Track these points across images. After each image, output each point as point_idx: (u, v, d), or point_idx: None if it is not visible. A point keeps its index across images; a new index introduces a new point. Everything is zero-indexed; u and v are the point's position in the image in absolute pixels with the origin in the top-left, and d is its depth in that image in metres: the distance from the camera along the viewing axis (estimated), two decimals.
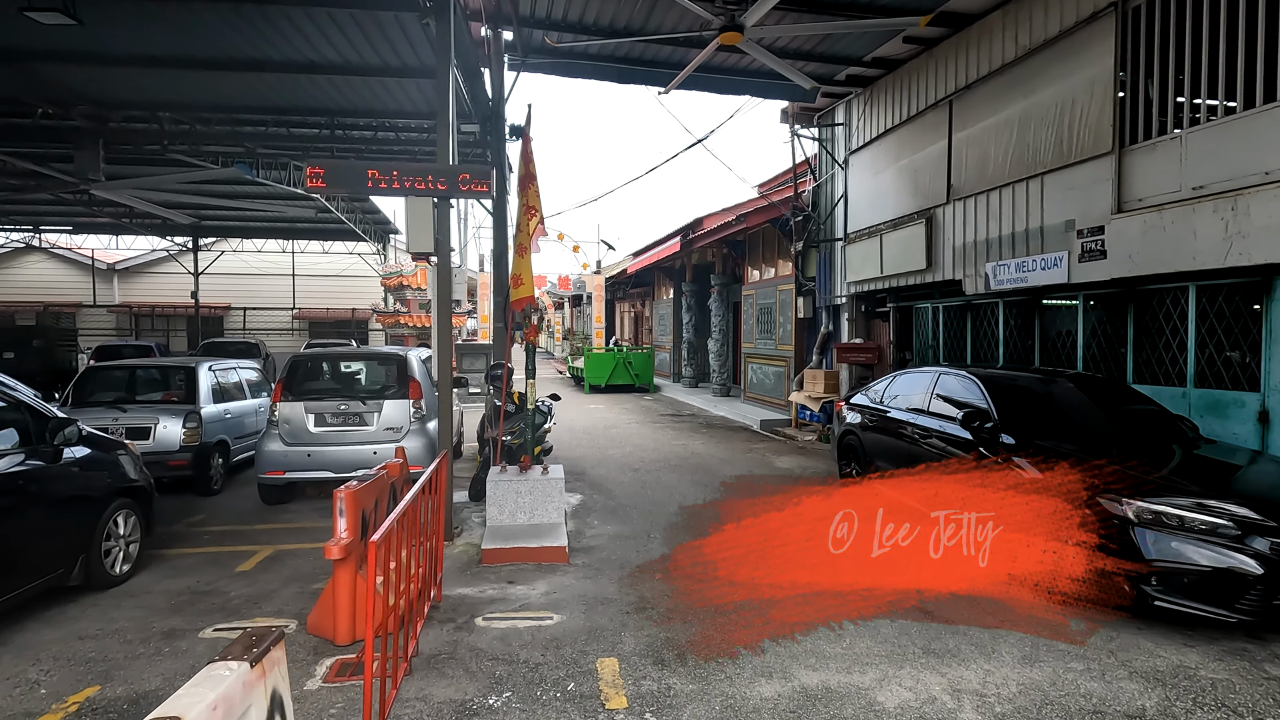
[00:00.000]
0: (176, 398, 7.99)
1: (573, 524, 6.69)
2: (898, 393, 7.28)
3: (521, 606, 4.68)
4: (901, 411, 6.95)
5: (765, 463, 9.84)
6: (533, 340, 6.69)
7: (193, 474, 7.68)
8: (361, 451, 7.19)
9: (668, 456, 10.28)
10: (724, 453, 10.63)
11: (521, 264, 6.86)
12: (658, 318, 25.61)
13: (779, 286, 14.40)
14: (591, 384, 20.62)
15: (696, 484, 8.42)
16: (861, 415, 7.73)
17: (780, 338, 14.37)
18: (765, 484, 8.41)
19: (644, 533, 6.39)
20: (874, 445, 7.37)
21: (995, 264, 8.23)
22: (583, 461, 9.94)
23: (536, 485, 6.05)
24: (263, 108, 10.17)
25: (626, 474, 9.05)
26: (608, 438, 12.11)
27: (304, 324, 26.29)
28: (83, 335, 25.07)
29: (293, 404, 7.28)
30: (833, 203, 12.37)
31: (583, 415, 15.23)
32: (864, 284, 11.22)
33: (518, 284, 6.87)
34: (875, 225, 10.83)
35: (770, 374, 14.88)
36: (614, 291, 32.54)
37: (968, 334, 9.32)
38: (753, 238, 15.79)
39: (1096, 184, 6.92)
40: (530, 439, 6.76)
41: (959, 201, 8.90)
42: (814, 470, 9.28)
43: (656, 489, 8.17)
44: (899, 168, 10.29)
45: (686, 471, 9.19)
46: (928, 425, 6.39)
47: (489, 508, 6.00)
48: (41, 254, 25.40)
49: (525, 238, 6.92)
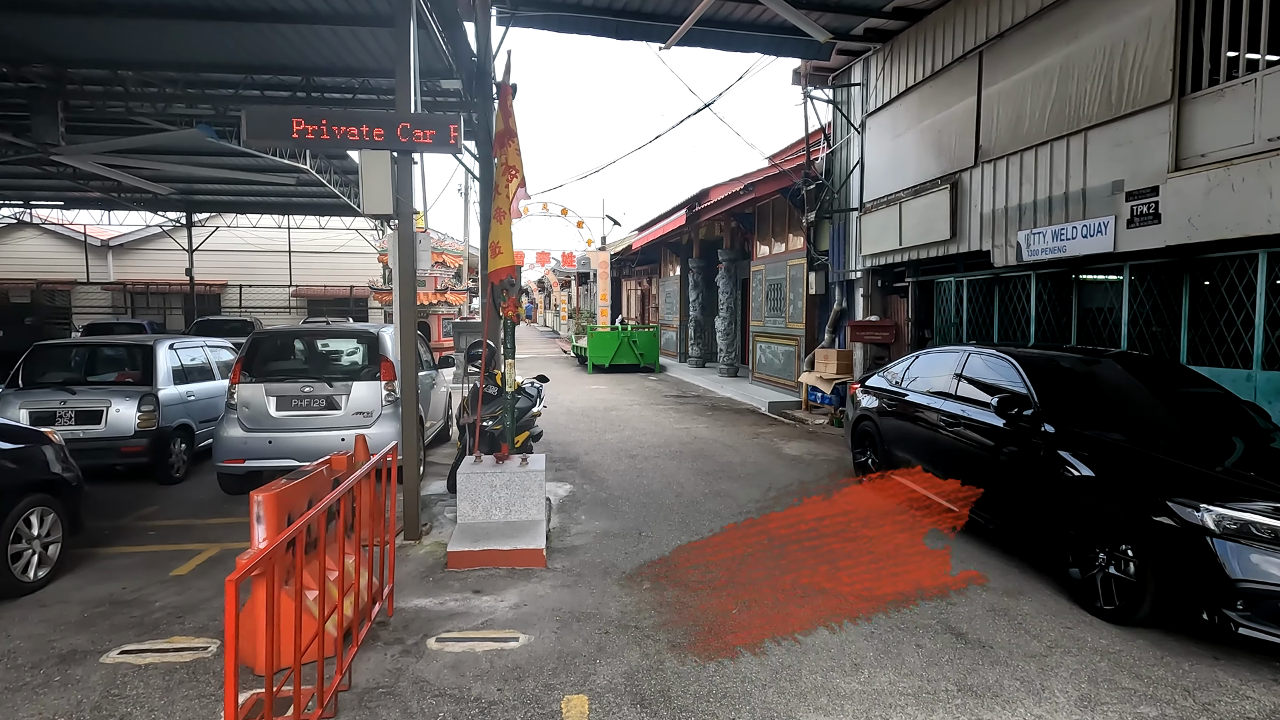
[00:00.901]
0: (132, 379, 7.37)
1: (557, 519, 6.05)
2: (919, 375, 6.55)
3: (485, 623, 4.03)
4: (923, 396, 6.22)
5: (772, 449, 9.15)
6: (511, 315, 6.00)
7: (149, 461, 7.09)
8: (328, 438, 6.56)
9: (668, 441, 9.61)
10: (728, 437, 9.94)
11: (500, 230, 6.15)
12: (664, 295, 24.85)
13: (789, 262, 13.61)
14: (595, 364, 19.95)
15: (697, 473, 7.74)
16: (878, 399, 7.01)
17: (790, 315, 13.61)
18: (771, 473, 7.72)
19: (635, 530, 5.73)
20: (892, 432, 6.66)
21: (1028, 233, 7.43)
22: (576, 447, 9.28)
23: (514, 478, 5.39)
24: (231, 65, 9.41)
25: (622, 461, 8.39)
26: (606, 421, 11.45)
27: (302, 302, 25.73)
28: (77, 313, 24.66)
29: (252, 386, 6.64)
30: (848, 170, 11.53)
31: (582, 396, 14.57)
32: (881, 257, 10.43)
33: (496, 253, 6.17)
34: (894, 193, 10.01)
35: (780, 354, 14.15)
36: (620, 269, 31.76)
37: (995, 310, 8.54)
38: (762, 210, 14.97)
39: (1150, 138, 6.09)
40: (510, 425, 6.10)
41: (988, 164, 8.08)
42: (825, 458, 8.58)
43: (653, 478, 7.51)
44: (921, 129, 9.45)
45: (687, 459, 8.52)
46: (954, 411, 5.66)
47: (459, 503, 5.36)
48: (35, 230, 24.90)
49: (504, 201, 6.20)
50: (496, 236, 6.15)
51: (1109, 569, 4.05)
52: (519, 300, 6.09)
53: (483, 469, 5.45)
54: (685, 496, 6.77)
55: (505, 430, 6.08)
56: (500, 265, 6.14)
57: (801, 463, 8.31)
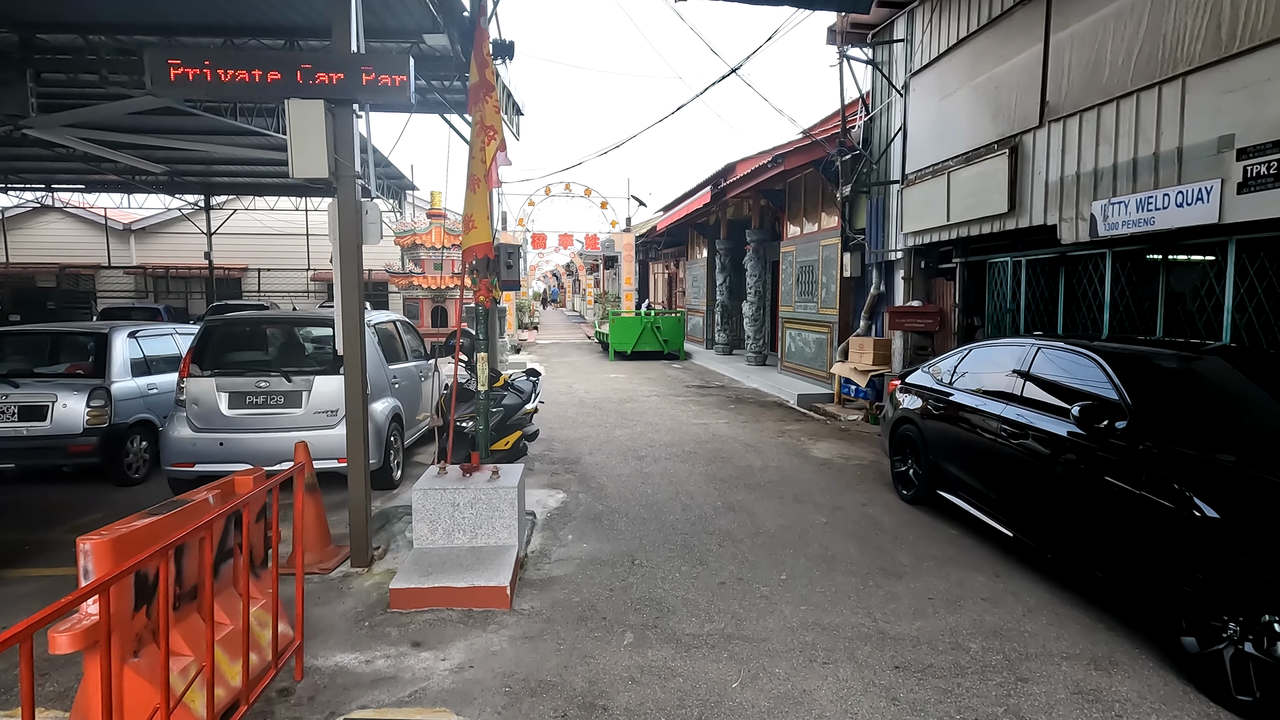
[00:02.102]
0: (83, 370, 6.69)
1: (539, 539, 5.17)
2: (972, 372, 5.49)
3: (414, 695, 3.17)
4: (978, 398, 5.17)
5: (799, 450, 8.14)
6: (483, 300, 5.10)
7: (100, 462, 6.41)
8: (287, 440, 5.77)
9: (683, 440, 8.66)
10: (750, 435, 8.96)
11: (475, 202, 5.24)
12: (690, 279, 23.79)
13: (822, 242, 12.47)
14: (616, 351, 19.07)
15: (710, 480, 6.79)
16: (922, 399, 5.96)
17: (823, 300, 12.50)
18: (795, 482, 6.74)
19: (627, 556, 4.82)
20: (938, 440, 5.62)
21: (1106, 203, 6.26)
22: (581, 445, 8.40)
23: (481, 495, 4.51)
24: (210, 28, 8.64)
25: (628, 463, 7.48)
26: (619, 414, 10.55)
27: (321, 285, 25.29)
28: (101, 298, 24.59)
29: (202, 380, 5.88)
30: (888, 138, 10.35)
31: (598, 386, 13.69)
32: (924, 234, 9.28)
33: (470, 227, 5.26)
34: (941, 162, 8.84)
35: (811, 341, 13.05)
36: (647, 252, 30.76)
37: (1060, 295, 7.37)
38: (793, 186, 13.81)
39: (1273, 81, 4.90)
40: (483, 430, 5.22)
41: (1056, 123, 6.89)
42: (857, 462, 7.55)
43: (660, 486, 6.59)
44: (974, 87, 8.25)
45: (701, 460, 7.57)
46: (1018, 419, 4.60)
47: (415, 524, 4.50)
48: (58, 214, 24.82)
49: (479, 167, 5.28)
50: (470, 209, 5.24)
51: (1243, 645, 3.01)
52: (493, 282, 5.18)
53: (445, 483, 4.58)
54: (694, 510, 5.83)
55: (478, 436, 5.20)
56: (475, 242, 5.23)
57: (831, 468, 7.29)
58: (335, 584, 4.30)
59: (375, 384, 6.27)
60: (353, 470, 4.44)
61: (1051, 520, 4.27)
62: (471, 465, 4.80)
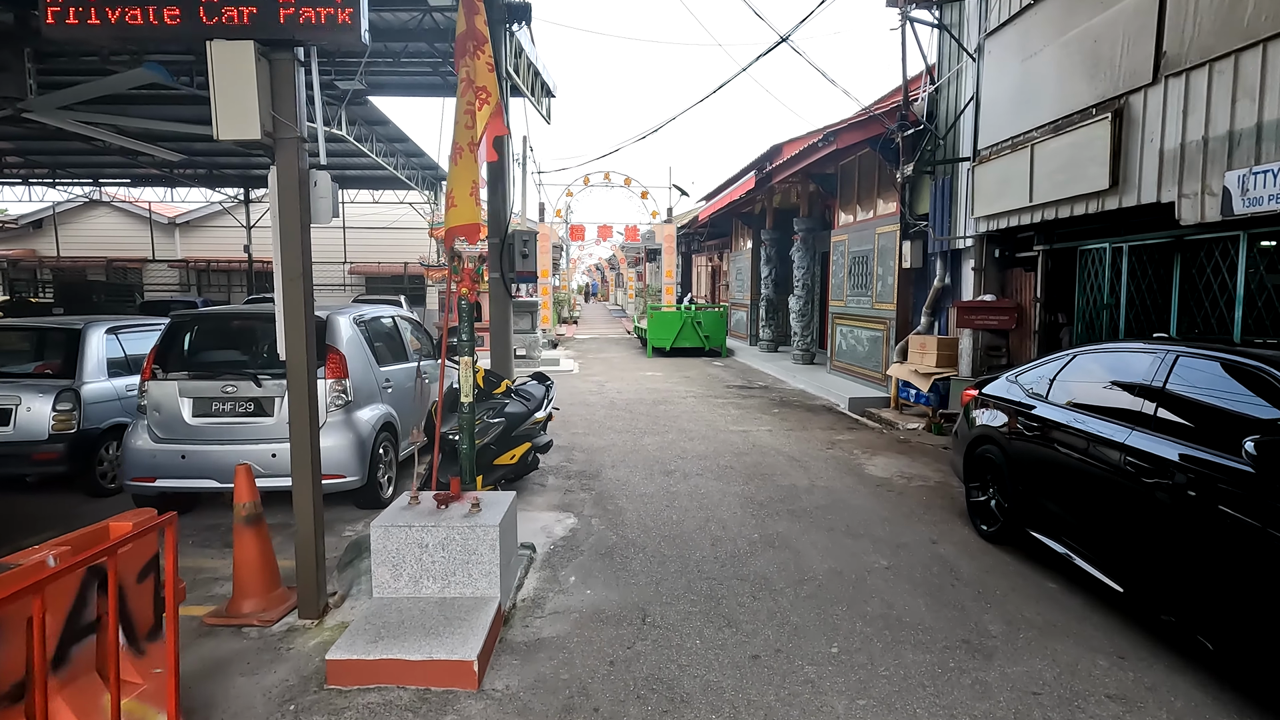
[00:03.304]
0: (52, 370, 6.09)
1: (536, 580, 4.28)
2: (1077, 383, 4.38)
3: None
4: (1089, 418, 4.06)
5: (852, 466, 7.08)
6: (467, 294, 4.22)
7: (67, 470, 5.79)
8: (256, 453, 5.03)
9: (718, 450, 7.69)
10: (796, 446, 7.92)
11: (458, 175, 4.38)
12: (734, 271, 22.67)
13: (878, 230, 11.28)
14: (655, 347, 18.14)
15: (747, 504, 5.81)
16: (1008, 416, 4.86)
17: (878, 294, 11.31)
18: (848, 508, 5.70)
19: (638, 610, 3.89)
20: (1030, 467, 4.52)
21: (1244, 173, 5.02)
22: (604, 455, 7.51)
23: (455, 534, 3.64)
24: None
25: (654, 480, 6.55)
26: (650, 418, 9.62)
27: (359, 279, 25.04)
28: (148, 290, 24.85)
29: (164, 384, 5.18)
30: (957, 109, 9.13)
31: (632, 385, 12.79)
32: (1000, 219, 8.06)
33: (450, 205, 4.40)
34: (1022, 134, 7.62)
35: (864, 339, 11.88)
36: (689, 243, 29.74)
37: (1174, 288, 6.13)
38: (845, 169, 12.62)
39: None
40: (468, 451, 4.35)
41: (1176, 78, 5.65)
42: (922, 483, 6.46)
43: (688, 510, 5.64)
44: (1065, 43, 7.01)
45: (738, 478, 6.59)
46: (1152, 451, 3.50)
47: (375, 568, 3.66)
48: (107, 208, 25.18)
49: (465, 134, 4.42)
50: (453, 184, 4.38)
51: None
52: (477, 272, 4.30)
53: (413, 518, 3.73)
54: (725, 545, 4.87)
55: (462, 457, 4.34)
56: (457, 223, 4.36)
57: (890, 490, 6.22)
58: (274, 642, 3.50)
59: (362, 389, 5.49)
60: (299, 500, 3.63)
61: (1203, 591, 3.18)
62: (448, 495, 3.93)
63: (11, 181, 21.82)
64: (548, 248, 22.40)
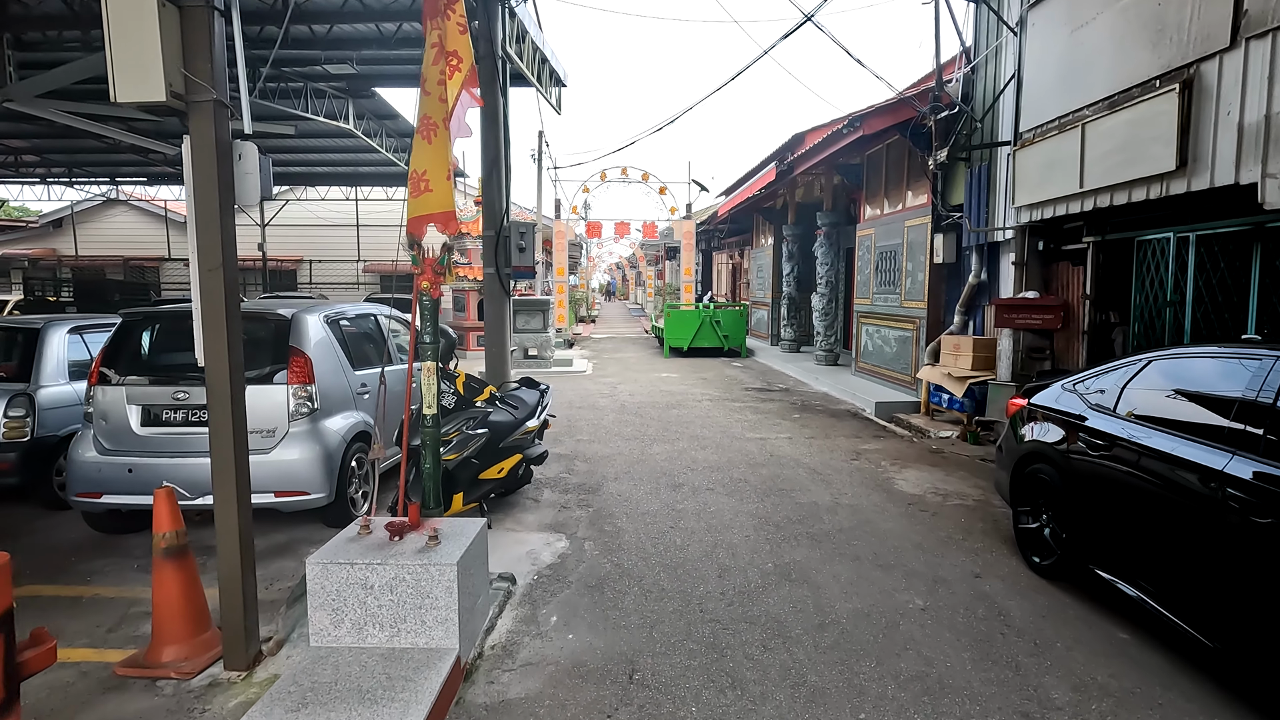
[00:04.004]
0: (6, 373, 5.64)
1: (512, 620, 3.70)
2: (1154, 393, 3.68)
3: None
4: (1174, 439, 3.36)
5: (880, 481, 6.40)
6: (428, 288, 3.65)
7: (19, 482, 5.33)
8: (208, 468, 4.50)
9: (732, 461, 7.05)
10: (817, 456, 7.25)
11: (430, 155, 3.81)
12: (755, 269, 21.94)
13: (907, 223, 10.54)
14: (672, 346, 17.52)
15: (762, 525, 5.17)
16: (1065, 430, 4.16)
17: (907, 291, 10.57)
18: (876, 532, 5.03)
19: (626, 662, 3.28)
20: (1096, 493, 3.83)
21: None
22: (607, 466, 6.91)
23: (406, 574, 3.06)
24: None
25: (659, 495, 5.94)
26: (661, 424, 9.00)
27: (374, 277, 24.72)
28: (166, 289, 24.77)
29: (111, 389, 4.68)
30: (996, 90, 8.39)
31: (645, 387, 12.18)
32: (1044, 208, 7.31)
33: (420, 189, 3.83)
34: (1071, 113, 6.87)
35: (891, 339, 11.14)
36: (709, 240, 29.05)
37: (1252, 283, 5.37)
38: (873, 159, 11.87)
39: None
40: (430, 470, 3.77)
41: (1260, 39, 4.90)
42: (959, 502, 5.77)
43: (693, 532, 5.02)
44: (1124, 8, 6.25)
45: (752, 493, 5.95)
46: (1268, 485, 2.80)
47: (312, 611, 3.09)
48: (125, 207, 25.13)
49: (438, 107, 3.86)
50: (422, 163, 3.81)
51: None
52: (445, 265, 3.72)
53: (357, 552, 3.15)
54: (734, 578, 4.24)
55: (425, 477, 3.75)
56: (431, 209, 3.80)
57: (924, 510, 5.54)
58: (189, 700, 2.95)
59: (332, 395, 4.94)
60: (223, 528, 3.08)
61: None
62: (403, 524, 3.35)
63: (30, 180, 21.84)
64: (563, 245, 21.88)
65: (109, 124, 12.05)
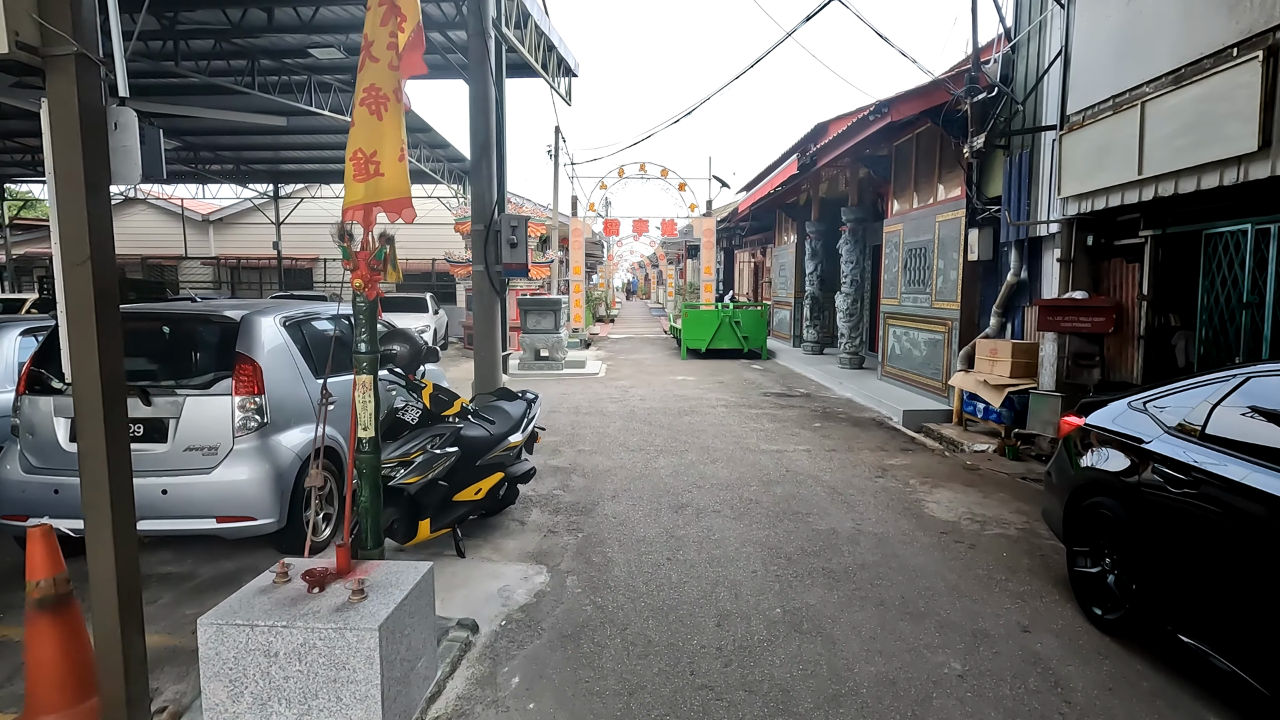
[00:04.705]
0: None
1: (468, 678, 3.10)
2: (1256, 414, 2.97)
3: None
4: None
5: (908, 502, 5.72)
6: (362, 287, 3.07)
7: None
8: (142, 489, 3.98)
9: (744, 478, 6.41)
10: (838, 473, 6.58)
11: (377, 131, 3.25)
12: (777, 267, 21.19)
13: (939, 217, 9.78)
14: (689, 348, 16.87)
15: (770, 556, 4.53)
16: (1135, 458, 3.46)
17: (939, 290, 9.82)
18: (904, 568, 4.36)
19: None
20: (1178, 538, 3.13)
21: None
22: (607, 481, 6.31)
23: (318, 639, 2.48)
24: None
25: (660, 517, 5.33)
26: (671, 432, 8.38)
27: None
28: (184, 287, 24.76)
29: (39, 400, 4.19)
30: (1039, 70, 7.62)
31: (658, 392, 11.56)
32: (1096, 197, 6.55)
33: (366, 171, 3.26)
34: (1129, 90, 6.11)
35: (921, 342, 10.39)
36: (730, 239, 28.33)
37: None
38: (901, 150, 11.11)
39: None
40: (368, 503, 3.19)
41: None
42: (999, 529, 5.06)
43: (694, 565, 4.40)
44: None
45: (762, 517, 5.31)
46: None
47: (205, 682, 2.53)
48: (143, 206, 25.17)
49: (388, 76, 3.28)
50: (371, 141, 3.24)
51: None
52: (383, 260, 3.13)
53: (261, 610, 2.58)
54: (735, 627, 3.61)
55: (362, 513, 3.18)
56: (385, 196, 3.22)
57: (961, 543, 4.84)
58: None
59: (287, 406, 4.41)
60: (96, 573, 2.53)
61: None
62: (325, 572, 2.76)
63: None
64: (580, 243, 21.34)
65: None
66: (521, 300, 15.31)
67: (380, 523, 3.21)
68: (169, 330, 4.49)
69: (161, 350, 4.37)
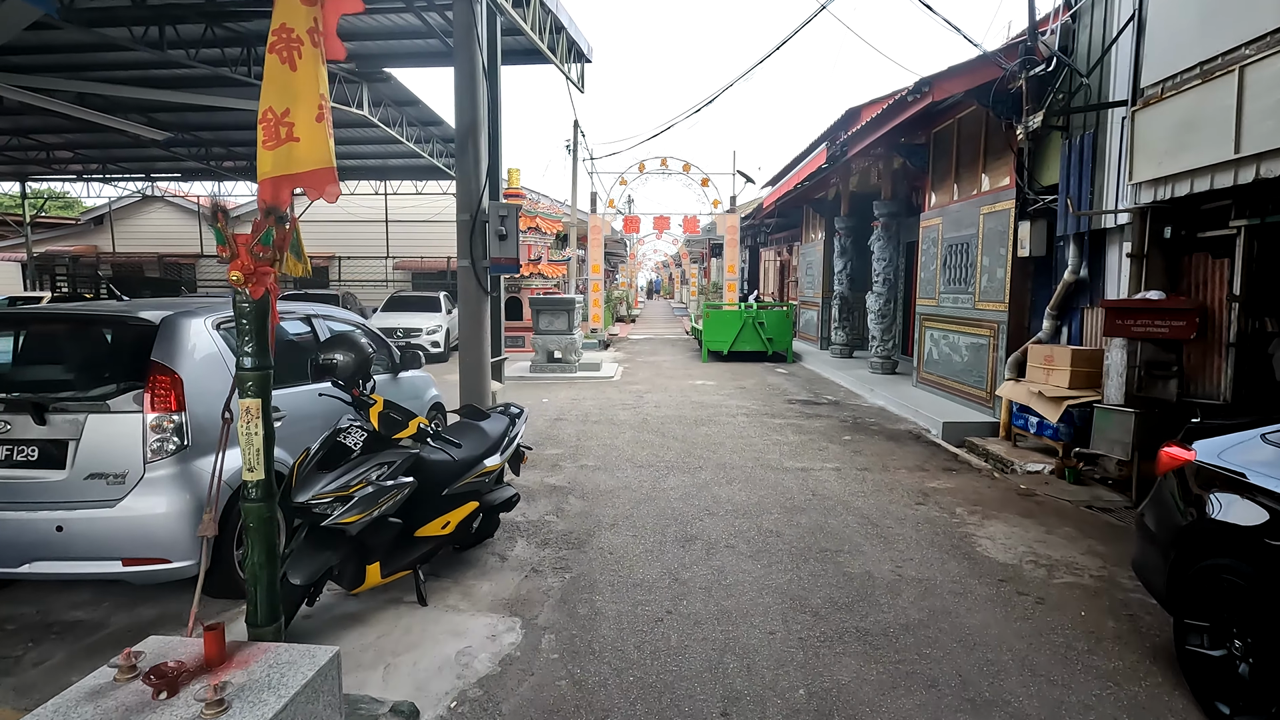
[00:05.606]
0: None
1: None
2: None
3: None
4: None
5: (956, 538, 4.87)
6: (241, 281, 2.34)
7: None
8: (37, 525, 3.32)
9: (763, 503, 5.60)
10: (872, 498, 5.75)
11: (289, 84, 2.54)
12: (804, 266, 20.26)
13: (983, 209, 8.85)
14: (711, 350, 16.05)
15: (794, 610, 3.73)
16: (1277, 514, 2.60)
17: (983, 290, 8.89)
18: (961, 638, 3.53)
19: None
20: None
21: None
22: (608, 504, 5.56)
23: None
24: None
25: (664, 554, 4.55)
26: (685, 446, 7.60)
27: (405, 274, 23.91)
28: (201, 286, 24.55)
29: None
30: (1105, 40, 6.69)
31: (674, 398, 10.77)
32: (1178, 182, 5.62)
33: (279, 136, 2.54)
34: (1221, 55, 5.19)
35: (963, 347, 9.45)
36: (754, 236, 27.42)
37: None
38: (940, 136, 10.18)
39: None
40: (258, 568, 2.46)
41: None
42: (1072, 576, 4.19)
43: (700, 619, 3.62)
44: None
45: (785, 556, 4.50)
46: None
47: None
48: (161, 204, 24.99)
49: (301, 14, 2.57)
50: (282, 99, 2.52)
51: None
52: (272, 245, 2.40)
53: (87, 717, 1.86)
54: (747, 717, 2.82)
55: (250, 578, 2.45)
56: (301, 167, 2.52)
57: (1024, 595, 3.99)
58: None
59: (208, 427, 3.71)
60: None
61: None
62: (180, 669, 2.02)
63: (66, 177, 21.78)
64: (599, 240, 20.64)
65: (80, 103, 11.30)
66: (533, 300, 14.62)
67: (276, 593, 2.48)
68: (74, 335, 3.82)
69: (64, 358, 3.71)
